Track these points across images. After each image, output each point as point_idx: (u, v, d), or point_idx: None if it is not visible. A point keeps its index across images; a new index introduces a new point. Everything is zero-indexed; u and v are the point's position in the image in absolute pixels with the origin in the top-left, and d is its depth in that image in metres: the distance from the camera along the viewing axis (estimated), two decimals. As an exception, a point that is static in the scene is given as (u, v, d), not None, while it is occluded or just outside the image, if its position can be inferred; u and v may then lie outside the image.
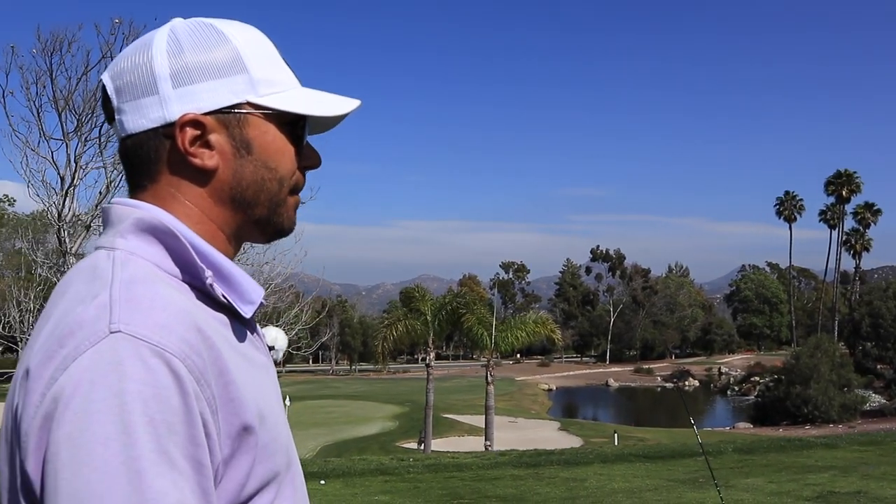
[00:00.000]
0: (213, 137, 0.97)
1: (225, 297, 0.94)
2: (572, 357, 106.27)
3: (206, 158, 0.96)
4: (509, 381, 68.23)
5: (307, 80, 1.07)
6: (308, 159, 1.05)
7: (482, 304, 35.62)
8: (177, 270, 0.92)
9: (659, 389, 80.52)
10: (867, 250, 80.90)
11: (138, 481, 0.73)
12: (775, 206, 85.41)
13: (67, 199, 16.06)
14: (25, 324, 18.72)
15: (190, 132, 0.95)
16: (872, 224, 78.99)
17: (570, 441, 36.16)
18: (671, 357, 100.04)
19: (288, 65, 1.05)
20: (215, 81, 0.96)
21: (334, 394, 52.29)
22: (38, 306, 19.49)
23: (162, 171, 0.97)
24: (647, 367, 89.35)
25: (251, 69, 0.98)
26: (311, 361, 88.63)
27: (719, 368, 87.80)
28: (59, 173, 16.01)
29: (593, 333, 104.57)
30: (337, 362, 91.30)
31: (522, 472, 12.21)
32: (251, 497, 0.89)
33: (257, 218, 1.01)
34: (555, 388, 76.03)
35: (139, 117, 0.97)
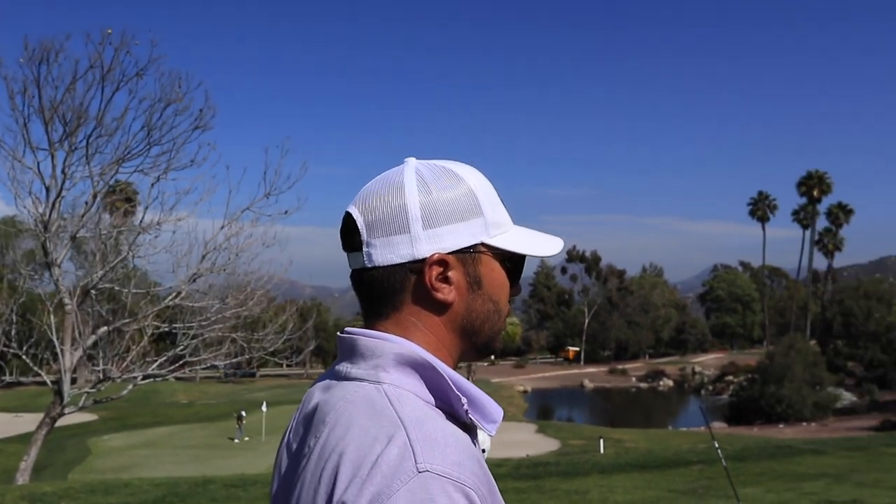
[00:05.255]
0: (452, 273, 1.10)
1: (473, 420, 1.05)
2: (547, 358, 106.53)
3: (447, 293, 1.09)
4: (485, 382, 68.23)
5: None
6: (515, 289, 1.19)
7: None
8: (431, 398, 1.04)
9: (633, 390, 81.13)
10: (839, 250, 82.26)
11: None
12: (748, 205, 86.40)
13: (54, 210, 15.77)
14: (10, 337, 18.04)
15: (436, 269, 1.09)
16: (845, 224, 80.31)
17: (548, 444, 36.20)
18: (645, 357, 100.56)
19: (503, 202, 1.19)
20: (458, 224, 1.10)
21: (312, 398, 51.77)
22: (18, 318, 18.84)
23: (406, 301, 1.10)
24: (621, 367, 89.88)
25: (485, 213, 1.12)
26: (284, 366, 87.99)
27: (693, 368, 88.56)
28: (44, 184, 15.73)
29: (568, 334, 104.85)
30: (311, 366, 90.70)
31: (523, 485, 12.22)
32: None
33: (479, 344, 1.15)
34: (530, 389, 76.18)
35: (389, 252, 1.09)
